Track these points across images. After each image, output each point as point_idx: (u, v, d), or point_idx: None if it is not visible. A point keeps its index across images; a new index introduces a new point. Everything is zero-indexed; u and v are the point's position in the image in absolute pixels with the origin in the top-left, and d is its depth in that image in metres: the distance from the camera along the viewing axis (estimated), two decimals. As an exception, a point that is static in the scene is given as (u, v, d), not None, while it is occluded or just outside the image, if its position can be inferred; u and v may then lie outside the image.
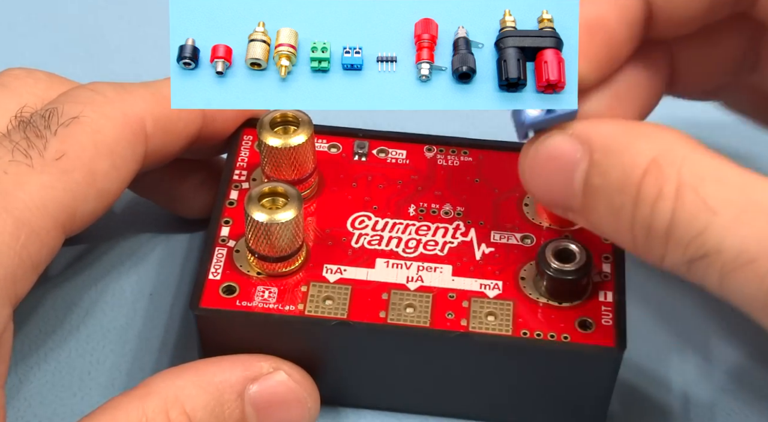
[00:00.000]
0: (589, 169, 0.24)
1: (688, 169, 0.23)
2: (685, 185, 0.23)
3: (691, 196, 0.23)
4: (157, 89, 0.30)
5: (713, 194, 0.23)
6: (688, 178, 0.23)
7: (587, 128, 0.25)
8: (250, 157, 0.31)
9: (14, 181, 0.26)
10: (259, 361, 0.27)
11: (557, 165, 0.25)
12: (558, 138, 0.25)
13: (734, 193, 0.23)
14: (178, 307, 0.32)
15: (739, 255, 0.22)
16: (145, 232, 0.33)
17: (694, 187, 0.23)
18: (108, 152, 0.28)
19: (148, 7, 0.41)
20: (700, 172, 0.23)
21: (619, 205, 0.24)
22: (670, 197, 0.23)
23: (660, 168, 0.23)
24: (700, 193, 0.23)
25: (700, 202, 0.23)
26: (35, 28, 0.40)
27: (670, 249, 0.23)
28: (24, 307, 0.31)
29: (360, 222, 0.29)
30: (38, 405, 0.29)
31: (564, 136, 0.25)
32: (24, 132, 0.27)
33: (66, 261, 0.33)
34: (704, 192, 0.23)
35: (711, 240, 0.22)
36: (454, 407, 0.29)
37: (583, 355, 0.27)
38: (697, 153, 0.23)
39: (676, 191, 0.23)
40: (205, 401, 0.26)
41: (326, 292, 0.28)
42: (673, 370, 0.31)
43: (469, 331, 0.27)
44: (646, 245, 0.24)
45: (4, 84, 0.29)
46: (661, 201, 0.23)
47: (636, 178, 0.23)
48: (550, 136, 0.25)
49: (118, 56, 0.39)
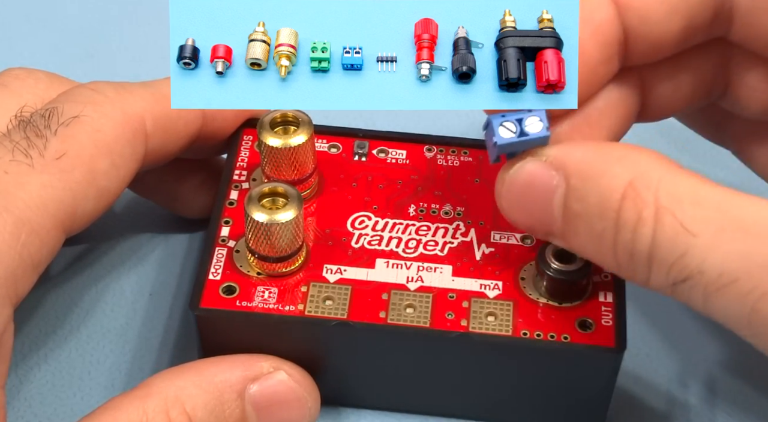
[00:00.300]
0: (566, 195, 0.24)
1: (664, 192, 0.23)
2: (662, 209, 0.23)
3: (670, 220, 0.23)
4: (157, 89, 0.30)
5: (691, 216, 0.23)
6: (665, 201, 0.23)
7: (561, 153, 0.25)
8: (250, 157, 0.31)
9: (15, 180, 0.26)
10: (260, 361, 0.27)
11: (535, 192, 0.25)
12: (533, 165, 0.25)
13: (712, 213, 0.23)
14: (178, 307, 0.32)
15: (721, 275, 0.22)
16: (145, 232, 0.34)
17: (671, 210, 0.23)
18: (108, 151, 0.28)
19: (148, 7, 0.41)
20: (677, 194, 0.23)
21: (600, 230, 0.24)
22: (650, 222, 0.23)
23: (637, 192, 0.23)
24: (678, 215, 0.23)
25: (678, 225, 0.23)
26: (35, 28, 0.40)
27: (653, 272, 0.23)
28: (24, 307, 0.31)
29: (360, 222, 0.29)
30: (38, 405, 0.30)
31: (538, 162, 0.25)
32: (24, 131, 0.27)
33: (66, 261, 0.33)
34: (682, 214, 0.23)
35: (692, 263, 0.23)
36: (454, 407, 0.29)
37: (583, 356, 0.27)
38: (672, 174, 0.24)
39: (654, 215, 0.23)
40: (205, 401, 0.26)
41: (326, 292, 0.28)
42: (672, 371, 0.31)
43: (469, 331, 0.27)
44: (630, 268, 0.24)
45: (5, 84, 0.29)
46: (640, 226, 0.23)
47: (614, 203, 0.23)
48: (525, 162, 0.25)
49: (118, 56, 0.39)
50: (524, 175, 0.25)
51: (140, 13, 0.41)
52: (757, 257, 0.22)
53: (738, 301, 0.22)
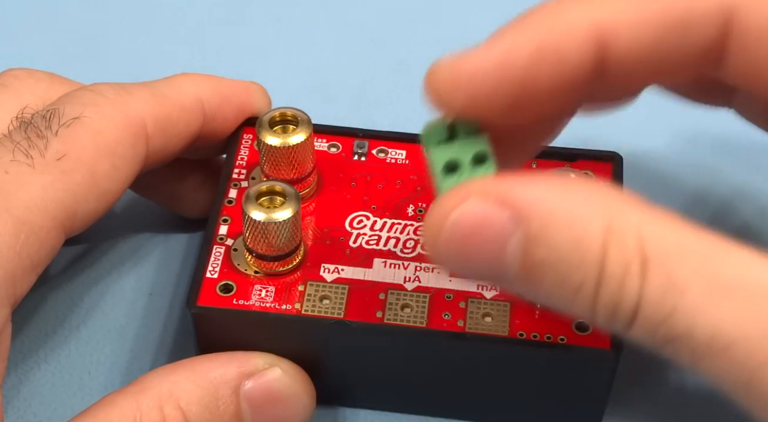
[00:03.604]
0: (526, 241, 0.22)
1: (650, 240, 0.21)
2: (650, 260, 0.21)
3: (658, 273, 0.21)
4: (158, 90, 0.31)
5: (679, 269, 0.21)
6: (652, 251, 0.21)
7: (512, 190, 0.22)
8: (250, 155, 0.32)
9: (15, 180, 0.27)
10: (255, 358, 0.28)
11: (482, 239, 0.22)
12: (477, 205, 0.22)
13: (700, 267, 0.21)
14: (177, 307, 0.33)
15: (713, 339, 0.21)
16: (145, 232, 0.34)
17: (660, 262, 0.21)
18: (109, 153, 0.28)
19: (148, 7, 0.42)
20: (662, 243, 0.21)
21: (578, 282, 0.22)
22: (637, 275, 0.21)
23: (620, 240, 0.21)
24: (666, 268, 0.21)
25: (666, 280, 0.21)
26: (35, 28, 0.41)
27: (636, 329, 0.22)
28: (24, 307, 0.32)
29: (358, 222, 0.30)
30: (38, 405, 0.30)
31: (483, 202, 0.22)
32: (25, 132, 0.28)
33: (66, 261, 0.34)
34: (670, 267, 0.21)
35: (680, 324, 0.21)
36: (450, 407, 0.30)
37: (580, 357, 0.28)
38: (650, 218, 0.22)
39: (641, 268, 0.21)
40: (199, 396, 0.27)
41: (323, 292, 0.29)
42: (670, 373, 0.31)
43: (465, 332, 0.28)
44: (607, 322, 0.22)
45: (5, 84, 0.30)
46: (628, 280, 0.21)
47: (596, 253, 0.21)
48: (467, 204, 0.22)
49: (118, 56, 0.40)
50: (468, 218, 0.22)
51: (140, 13, 0.42)
52: (752, 322, 0.21)
53: (732, 369, 0.21)
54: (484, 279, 0.23)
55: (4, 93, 0.30)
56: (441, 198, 0.23)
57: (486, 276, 0.23)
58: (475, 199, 0.22)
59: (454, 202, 0.22)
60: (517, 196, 0.22)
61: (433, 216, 0.23)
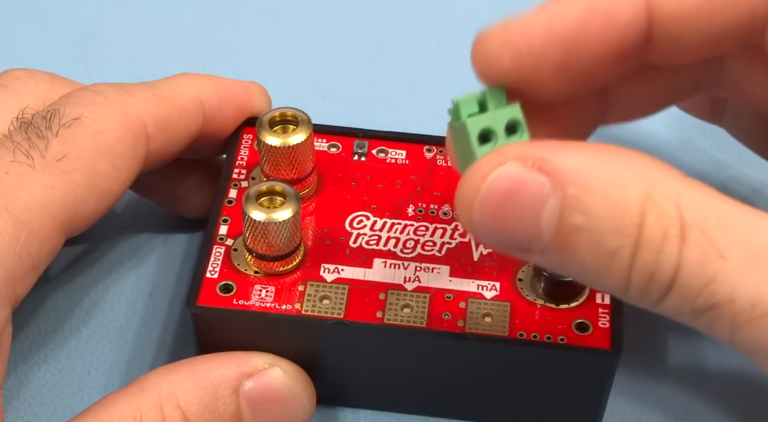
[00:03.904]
0: (563, 207, 0.22)
1: (689, 207, 0.21)
2: (689, 226, 0.21)
3: (698, 239, 0.21)
4: (158, 89, 0.31)
5: (719, 236, 0.21)
6: (691, 218, 0.21)
7: (549, 156, 0.22)
8: (250, 155, 0.32)
9: (15, 181, 0.27)
10: (255, 358, 0.28)
11: (518, 202, 0.22)
12: (516, 169, 0.22)
13: (740, 235, 0.21)
14: (177, 307, 0.33)
15: (755, 305, 0.21)
16: (145, 232, 0.35)
17: (700, 228, 0.21)
18: (109, 153, 0.29)
19: (148, 7, 0.42)
20: (702, 210, 0.21)
21: (614, 248, 0.21)
22: (677, 240, 0.21)
23: (659, 206, 0.21)
24: (706, 234, 0.21)
25: (708, 245, 0.21)
26: (35, 28, 0.41)
27: (672, 298, 0.22)
28: (24, 308, 0.32)
29: (358, 222, 0.30)
30: (38, 405, 0.31)
31: (521, 167, 0.22)
32: (25, 133, 0.28)
33: (66, 261, 0.34)
34: (710, 233, 0.21)
35: (721, 290, 0.21)
36: (450, 407, 0.30)
37: (580, 357, 0.28)
38: (689, 186, 0.22)
39: (680, 233, 0.21)
40: (199, 396, 0.27)
41: (323, 292, 0.29)
42: (670, 373, 0.31)
43: (465, 332, 0.28)
44: (642, 291, 0.22)
45: (6, 85, 0.30)
46: (667, 245, 0.21)
47: (634, 218, 0.21)
48: (505, 167, 0.22)
49: (118, 56, 0.40)
50: (505, 182, 0.22)
51: (140, 13, 0.42)
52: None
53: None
54: (516, 248, 0.22)
55: (4, 93, 0.30)
56: (477, 161, 0.22)
57: (519, 243, 0.22)
58: (513, 163, 0.22)
59: (491, 165, 0.22)
60: (555, 162, 0.22)
61: (469, 180, 0.22)
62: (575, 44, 0.24)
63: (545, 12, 0.24)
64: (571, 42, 0.23)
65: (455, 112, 0.24)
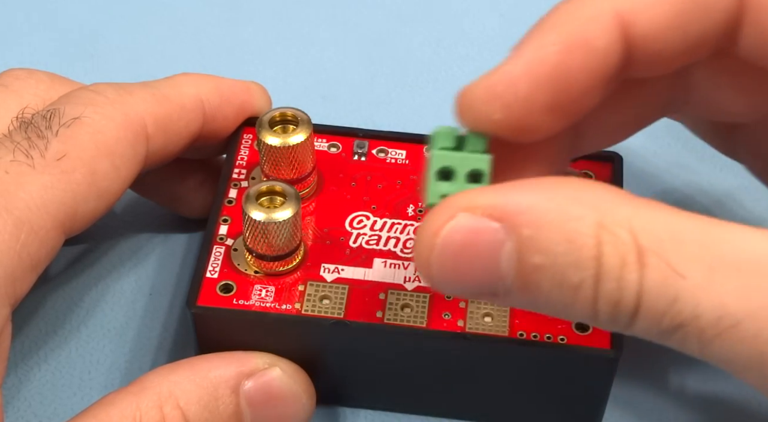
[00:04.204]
0: (520, 249, 0.22)
1: (642, 231, 0.21)
2: (646, 250, 0.21)
3: (656, 262, 0.21)
4: (158, 89, 0.31)
5: (676, 255, 0.21)
6: (645, 242, 0.21)
7: (498, 200, 0.22)
8: (250, 155, 0.32)
9: (15, 180, 0.27)
10: (254, 358, 0.28)
11: (475, 252, 0.22)
12: (466, 220, 0.22)
13: (697, 250, 0.21)
14: (177, 307, 0.33)
15: (720, 319, 0.21)
16: (145, 232, 0.35)
17: (655, 251, 0.21)
18: (109, 152, 0.29)
19: (148, 7, 0.42)
20: (655, 232, 0.21)
21: (577, 282, 0.21)
22: (635, 267, 0.21)
23: (613, 234, 0.21)
24: (663, 256, 0.21)
25: (665, 267, 0.21)
26: (35, 28, 0.41)
27: (639, 321, 0.22)
28: (24, 307, 0.32)
29: (358, 221, 0.30)
30: (38, 405, 0.31)
31: (471, 216, 0.22)
32: (25, 132, 0.28)
33: (66, 261, 0.34)
34: (667, 254, 0.21)
35: (686, 308, 0.21)
36: (450, 407, 0.30)
37: (580, 357, 0.28)
38: (641, 209, 0.22)
39: (638, 259, 0.21)
40: (199, 396, 0.27)
41: (323, 292, 0.29)
42: (670, 373, 0.31)
43: (465, 332, 0.28)
44: (611, 319, 0.22)
45: (6, 84, 0.30)
46: (627, 272, 0.21)
47: (591, 250, 0.21)
48: (457, 220, 0.22)
49: (118, 56, 0.40)
50: (459, 234, 0.22)
51: (140, 13, 0.42)
52: (757, 296, 0.21)
53: (744, 346, 0.21)
54: (482, 295, 0.23)
55: (4, 93, 0.30)
56: (427, 217, 0.23)
57: (483, 291, 0.23)
58: (463, 214, 0.22)
59: (442, 219, 0.22)
60: (504, 205, 0.22)
61: (423, 237, 0.22)
62: (560, 82, 0.24)
63: (523, 56, 0.24)
64: (555, 80, 0.24)
65: (431, 141, 0.24)
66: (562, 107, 0.24)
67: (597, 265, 0.21)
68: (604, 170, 0.31)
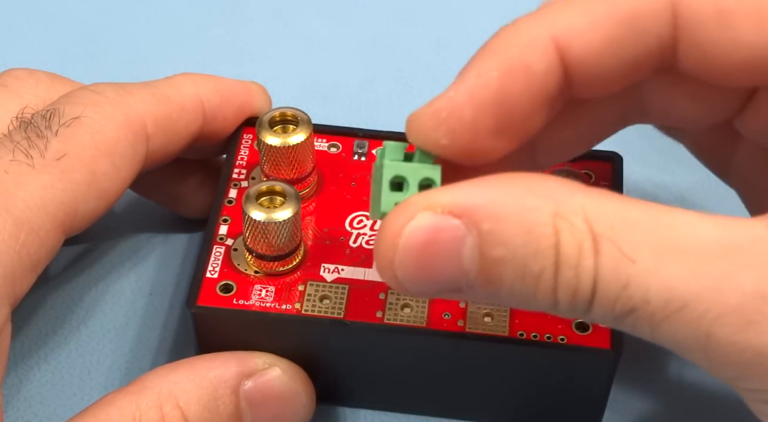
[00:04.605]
0: (481, 243, 0.22)
1: (595, 217, 0.22)
2: (599, 236, 0.22)
3: (609, 248, 0.21)
4: (158, 89, 0.31)
5: (627, 240, 0.22)
6: (599, 228, 0.22)
7: (457, 198, 0.22)
8: (250, 155, 0.32)
9: (15, 180, 0.27)
10: (254, 358, 0.28)
11: (437, 250, 0.22)
12: (427, 219, 0.22)
13: (646, 235, 0.22)
14: (177, 307, 0.33)
15: (668, 302, 0.21)
16: (145, 232, 0.35)
17: (608, 237, 0.22)
18: (109, 152, 0.29)
19: (148, 7, 0.42)
20: (608, 218, 0.22)
21: (538, 270, 0.22)
22: (590, 254, 0.22)
23: (569, 222, 0.22)
24: (615, 241, 0.21)
25: (617, 252, 0.21)
26: (35, 28, 0.41)
27: (595, 308, 0.22)
28: (24, 307, 0.32)
29: (358, 221, 0.30)
30: (38, 405, 0.31)
31: (432, 215, 0.22)
32: (25, 132, 0.28)
33: (66, 261, 0.34)
34: (618, 240, 0.22)
35: (637, 293, 0.21)
36: (450, 407, 0.30)
37: (580, 357, 0.28)
38: (592, 197, 0.22)
39: (593, 246, 0.22)
40: (198, 396, 0.27)
41: (323, 291, 0.29)
42: (670, 373, 0.31)
43: (465, 332, 0.28)
44: (570, 307, 0.22)
45: (6, 84, 0.30)
46: (583, 259, 0.22)
47: (549, 238, 0.22)
48: (418, 219, 0.22)
49: (118, 56, 0.40)
50: (420, 234, 0.22)
51: (140, 13, 0.42)
52: (703, 279, 0.21)
53: (690, 327, 0.21)
54: (445, 292, 0.23)
55: (4, 93, 0.30)
56: (386, 220, 0.23)
57: (447, 288, 0.23)
58: (424, 214, 0.22)
59: (402, 220, 0.22)
60: (463, 201, 0.22)
61: (384, 239, 0.23)
62: (503, 106, 0.24)
63: (465, 83, 0.24)
64: (498, 105, 0.24)
65: (381, 153, 0.25)
66: (507, 130, 0.24)
67: (555, 254, 0.22)
68: (604, 170, 0.31)
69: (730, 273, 0.21)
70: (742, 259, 0.21)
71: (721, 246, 0.21)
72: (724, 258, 0.21)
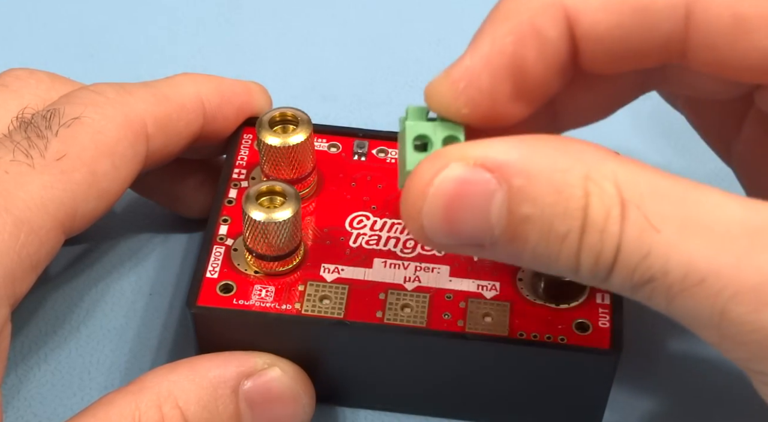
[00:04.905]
0: (511, 199, 0.22)
1: (625, 184, 0.22)
2: (628, 203, 0.22)
3: (635, 215, 0.22)
4: (158, 89, 0.31)
5: (654, 210, 0.22)
6: (628, 195, 0.22)
7: (490, 152, 0.22)
8: (250, 155, 0.32)
9: (15, 180, 0.27)
10: (254, 358, 0.28)
11: (467, 202, 0.22)
12: (459, 170, 0.22)
13: (674, 208, 0.22)
14: (177, 307, 0.33)
15: (687, 275, 0.22)
16: (145, 232, 0.35)
17: (636, 205, 0.22)
18: (109, 152, 0.29)
19: (148, 7, 0.42)
20: (638, 186, 0.22)
21: (564, 231, 0.22)
22: (617, 219, 0.22)
23: (600, 186, 0.22)
24: (642, 209, 0.22)
25: (643, 220, 0.22)
26: (35, 28, 0.41)
27: (615, 274, 0.22)
28: (24, 307, 0.32)
29: (358, 221, 0.31)
30: (38, 405, 0.31)
31: (464, 166, 0.22)
32: (25, 132, 0.28)
33: (66, 261, 0.34)
34: (645, 208, 0.22)
35: (656, 263, 0.22)
36: (450, 407, 0.30)
37: (580, 357, 0.28)
38: (625, 165, 0.22)
39: (620, 211, 0.22)
40: (198, 396, 0.27)
41: (323, 292, 0.29)
42: (670, 373, 0.31)
43: (465, 332, 0.28)
44: (591, 271, 0.22)
45: (6, 84, 0.30)
46: (609, 224, 0.22)
47: (579, 200, 0.22)
48: (449, 170, 0.22)
49: (118, 56, 0.40)
50: (451, 184, 0.22)
51: (140, 13, 0.42)
52: (724, 256, 0.21)
53: (706, 303, 0.22)
54: (468, 247, 0.23)
55: (4, 93, 0.30)
56: (418, 168, 0.23)
57: (471, 242, 0.23)
58: (456, 164, 0.22)
59: (434, 169, 0.22)
60: (496, 156, 0.22)
61: (413, 188, 0.23)
62: (518, 71, 0.24)
63: (479, 50, 0.24)
64: (513, 70, 0.24)
65: (403, 117, 0.25)
66: (524, 95, 0.25)
67: (583, 216, 0.22)
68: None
69: (751, 253, 0.21)
70: (765, 241, 0.22)
71: (746, 226, 0.22)
72: (748, 238, 0.22)
